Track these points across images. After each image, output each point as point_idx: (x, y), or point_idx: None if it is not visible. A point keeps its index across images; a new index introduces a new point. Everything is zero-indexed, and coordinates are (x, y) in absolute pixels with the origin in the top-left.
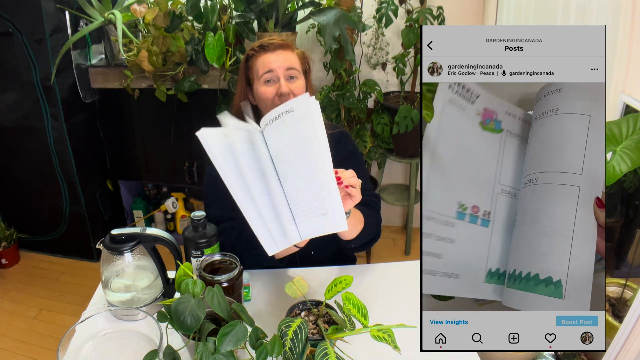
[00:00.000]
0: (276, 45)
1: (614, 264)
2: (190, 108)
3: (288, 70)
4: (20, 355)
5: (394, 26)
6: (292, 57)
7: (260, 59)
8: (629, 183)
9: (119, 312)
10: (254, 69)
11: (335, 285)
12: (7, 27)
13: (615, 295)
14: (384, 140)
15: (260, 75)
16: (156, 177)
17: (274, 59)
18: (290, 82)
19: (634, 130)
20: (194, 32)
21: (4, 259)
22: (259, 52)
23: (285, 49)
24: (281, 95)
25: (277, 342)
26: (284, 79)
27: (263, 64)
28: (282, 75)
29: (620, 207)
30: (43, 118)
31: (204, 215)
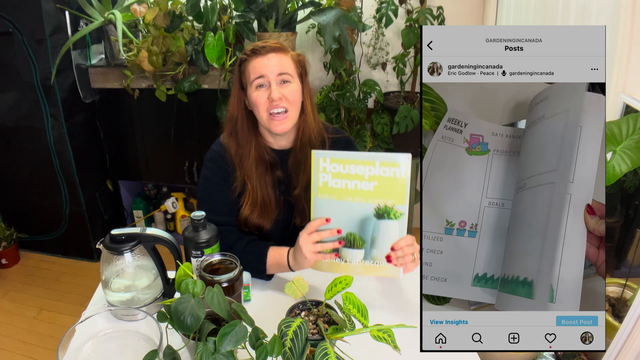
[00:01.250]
0: (268, 49)
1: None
2: (190, 108)
3: (280, 75)
4: (20, 355)
5: (394, 26)
6: (286, 60)
7: (252, 63)
8: (629, 183)
9: (119, 312)
10: (246, 73)
11: (335, 285)
12: (7, 27)
13: (615, 295)
14: (384, 140)
15: (252, 80)
16: (156, 177)
17: (265, 64)
18: (283, 86)
19: (634, 130)
20: (194, 32)
21: (4, 259)
22: (250, 56)
23: (278, 52)
24: (272, 100)
25: (277, 342)
26: (276, 83)
27: (254, 68)
28: (274, 80)
29: (620, 207)
30: (43, 118)
31: (204, 215)
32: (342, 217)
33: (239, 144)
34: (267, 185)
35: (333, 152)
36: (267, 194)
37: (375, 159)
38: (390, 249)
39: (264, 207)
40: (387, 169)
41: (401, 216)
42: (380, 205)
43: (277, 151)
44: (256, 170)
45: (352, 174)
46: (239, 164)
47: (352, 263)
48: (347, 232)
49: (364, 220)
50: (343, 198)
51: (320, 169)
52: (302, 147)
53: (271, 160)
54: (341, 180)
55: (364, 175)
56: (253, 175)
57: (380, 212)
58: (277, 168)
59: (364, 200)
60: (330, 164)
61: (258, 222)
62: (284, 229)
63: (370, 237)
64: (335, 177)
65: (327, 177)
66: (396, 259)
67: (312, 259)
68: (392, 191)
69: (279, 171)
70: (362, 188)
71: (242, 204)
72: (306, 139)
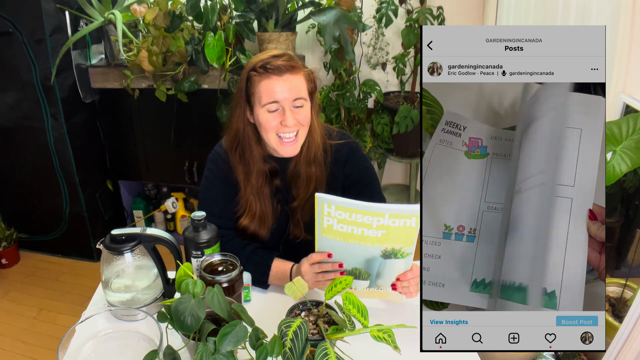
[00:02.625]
0: (283, 69)
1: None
2: (190, 108)
3: (295, 100)
4: (20, 355)
5: (394, 26)
6: (300, 82)
7: (265, 83)
8: (629, 183)
9: (119, 312)
10: (256, 93)
11: (335, 286)
12: (7, 27)
13: (615, 295)
14: (384, 140)
15: (264, 103)
16: (156, 177)
17: (280, 89)
18: (296, 111)
19: (634, 130)
20: (194, 32)
21: (4, 259)
22: (263, 74)
23: (292, 73)
24: (285, 126)
25: (277, 342)
26: (290, 109)
27: (268, 92)
28: (289, 106)
29: (620, 207)
30: (43, 118)
31: (204, 216)
32: (348, 256)
33: (246, 161)
34: (265, 197)
35: (338, 200)
36: (265, 206)
37: (385, 212)
38: (396, 279)
39: (262, 218)
40: (397, 220)
41: (408, 255)
42: (388, 248)
43: (277, 159)
44: (256, 182)
45: (358, 222)
46: (243, 181)
47: (357, 289)
48: (352, 267)
49: (369, 259)
50: (349, 240)
51: (324, 212)
52: (304, 162)
53: (272, 168)
54: (347, 226)
55: (372, 225)
56: (255, 189)
57: (387, 254)
58: (276, 177)
59: (370, 244)
60: (336, 211)
61: (255, 232)
62: (278, 238)
63: (376, 272)
64: (340, 222)
65: (332, 221)
66: (402, 287)
67: (313, 287)
68: (401, 238)
69: (277, 180)
70: (370, 235)
71: (240, 215)
72: (310, 156)
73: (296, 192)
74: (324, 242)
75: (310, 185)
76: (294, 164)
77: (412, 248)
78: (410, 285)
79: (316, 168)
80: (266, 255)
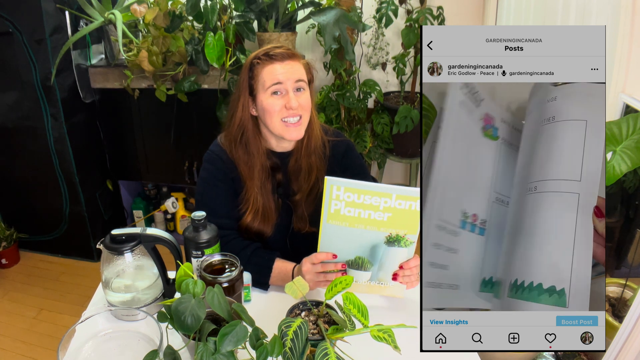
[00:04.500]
0: (284, 55)
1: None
2: (190, 108)
3: (297, 82)
4: (20, 355)
5: (394, 26)
6: (299, 67)
7: (267, 69)
8: (629, 183)
9: (119, 312)
10: (260, 79)
11: (335, 285)
12: (7, 27)
13: (615, 295)
14: (384, 140)
15: (268, 87)
16: (156, 177)
17: (282, 71)
18: (298, 94)
19: (634, 130)
20: (194, 32)
21: (4, 259)
22: (265, 61)
23: (292, 59)
24: (290, 108)
25: (277, 342)
26: (293, 91)
27: (271, 74)
28: (291, 88)
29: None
30: (43, 118)
31: (204, 216)
32: (352, 243)
33: (250, 153)
34: (267, 192)
35: (348, 181)
36: (268, 201)
37: (392, 192)
38: (399, 267)
39: (265, 215)
40: (403, 202)
41: (411, 245)
42: (392, 234)
43: (278, 154)
44: (259, 178)
45: (366, 204)
46: (248, 175)
47: (358, 282)
48: (356, 255)
49: (373, 246)
50: (355, 225)
51: (333, 196)
52: (305, 154)
53: (273, 164)
54: (354, 209)
55: (379, 206)
56: (258, 184)
57: (391, 240)
58: (278, 171)
59: (375, 228)
60: (345, 193)
61: (259, 229)
62: (283, 233)
63: (379, 262)
64: (348, 205)
65: (339, 205)
66: (402, 277)
67: (314, 287)
68: (406, 222)
69: (279, 174)
70: (376, 218)
71: (243, 213)
72: (311, 147)
73: (297, 185)
74: (329, 231)
75: (312, 176)
76: (295, 159)
77: (416, 237)
78: (412, 274)
79: (316, 158)
80: (267, 257)
